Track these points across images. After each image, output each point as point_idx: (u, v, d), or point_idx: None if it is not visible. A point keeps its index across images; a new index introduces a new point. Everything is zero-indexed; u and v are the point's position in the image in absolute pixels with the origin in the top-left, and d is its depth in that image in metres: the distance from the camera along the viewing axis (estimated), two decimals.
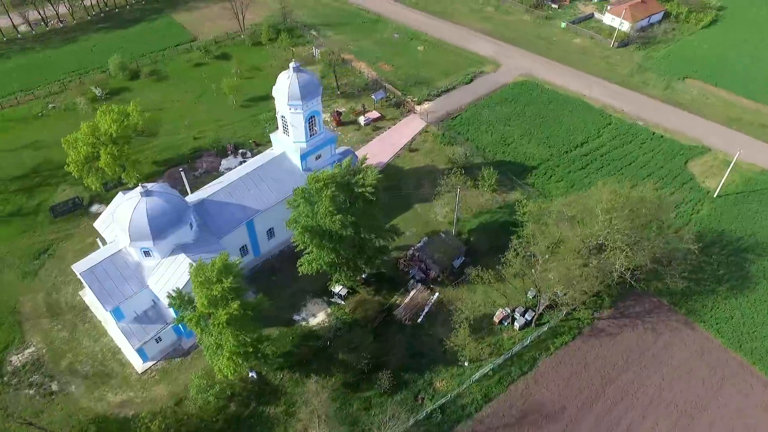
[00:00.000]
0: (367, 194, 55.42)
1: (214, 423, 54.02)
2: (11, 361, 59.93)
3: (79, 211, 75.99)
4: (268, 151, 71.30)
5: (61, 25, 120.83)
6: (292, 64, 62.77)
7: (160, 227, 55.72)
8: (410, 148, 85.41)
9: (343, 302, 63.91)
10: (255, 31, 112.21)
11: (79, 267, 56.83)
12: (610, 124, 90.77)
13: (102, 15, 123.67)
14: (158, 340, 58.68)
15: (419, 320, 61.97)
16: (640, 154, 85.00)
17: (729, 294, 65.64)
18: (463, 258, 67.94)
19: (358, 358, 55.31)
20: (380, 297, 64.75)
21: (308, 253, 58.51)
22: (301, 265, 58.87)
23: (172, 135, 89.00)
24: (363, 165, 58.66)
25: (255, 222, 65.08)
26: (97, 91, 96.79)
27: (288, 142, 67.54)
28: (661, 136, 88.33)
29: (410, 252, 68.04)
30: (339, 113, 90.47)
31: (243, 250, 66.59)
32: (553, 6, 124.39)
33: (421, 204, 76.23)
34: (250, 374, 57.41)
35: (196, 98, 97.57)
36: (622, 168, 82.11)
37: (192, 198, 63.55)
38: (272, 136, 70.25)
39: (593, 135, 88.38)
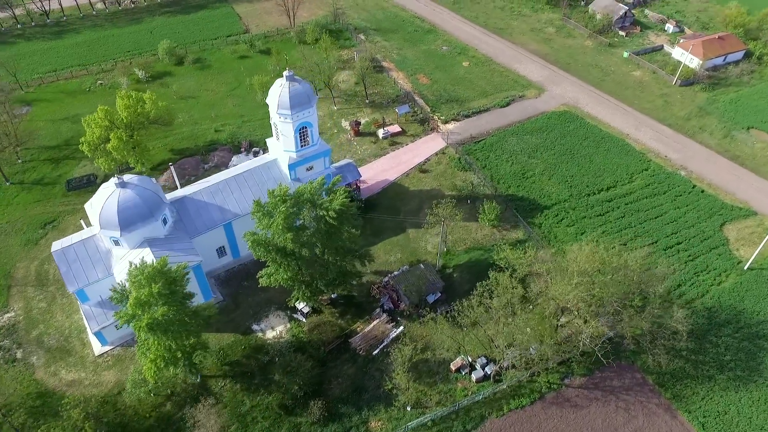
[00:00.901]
0: (328, 219, 53.54)
1: (145, 419, 54.56)
2: None
3: (91, 188, 79.38)
4: (262, 155, 71.09)
5: (133, 5, 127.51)
6: (285, 73, 61.95)
7: (128, 219, 56.89)
8: (422, 168, 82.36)
9: (304, 320, 62.61)
10: (303, 29, 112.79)
11: (55, 245, 59.28)
12: (646, 170, 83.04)
13: None
14: (118, 326, 60.08)
15: (374, 352, 59.50)
16: (671, 207, 77.05)
17: (729, 385, 57.86)
18: (440, 294, 64.50)
19: (292, 381, 53.74)
20: (343, 321, 62.79)
21: (268, 266, 57.67)
22: (260, 277, 58.15)
23: (196, 125, 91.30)
24: (333, 186, 56.63)
25: (234, 225, 65.09)
26: (140, 74, 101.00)
27: (280, 149, 66.98)
28: (702, 191, 79.60)
29: (385, 279, 65.54)
30: (358, 123, 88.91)
31: (221, 251, 66.90)
32: (620, 33, 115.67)
33: (414, 229, 73.25)
34: (195, 377, 57.53)
35: (229, 90, 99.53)
36: (645, 221, 74.77)
37: (175, 194, 64.50)
38: (268, 141, 69.97)
39: (624, 179, 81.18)
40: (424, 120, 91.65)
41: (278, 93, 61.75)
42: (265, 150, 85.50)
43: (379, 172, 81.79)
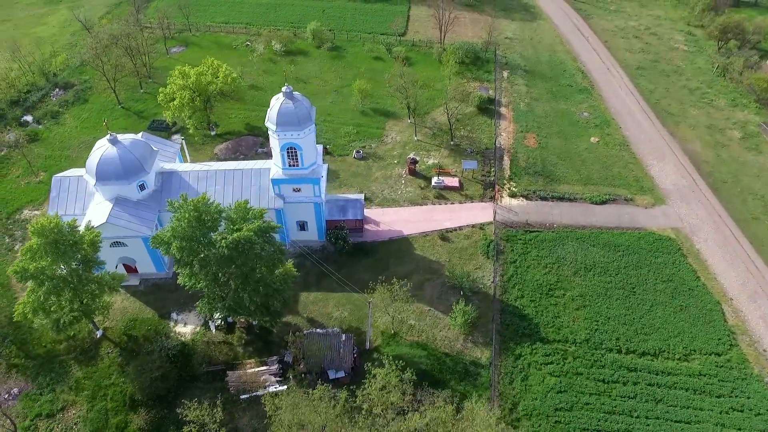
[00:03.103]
0: (221, 246, 50.74)
1: (42, 347, 59.68)
2: (23, 213, 75.66)
3: (164, 133, 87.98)
4: (265, 160, 70.16)
5: None
6: (284, 88, 59.51)
7: (103, 174, 61.44)
8: (443, 235, 72.92)
9: (212, 331, 61.51)
10: (447, 48, 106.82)
11: (59, 174, 67.22)
12: (718, 356, 61.26)
13: None
14: None
15: (242, 396, 55.88)
16: (720, 411, 56.07)
17: None
18: (344, 374, 57.41)
19: (142, 380, 53.25)
20: (242, 350, 60.05)
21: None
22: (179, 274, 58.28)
23: None
24: (252, 213, 53.15)
25: None
26: (276, 47, 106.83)
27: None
28: None
29: (302, 332, 60.50)
30: (414, 161, 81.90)
31: None
32: None
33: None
34: (97, 332, 61.01)
35: (339, 86, 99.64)
36: (661, 422, 55.57)
37: (172, 167, 67.59)
38: None
39: (676, 353, 61.18)
40: (490, 184, 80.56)
41: (272, 105, 59.85)
42: None
43: (399, 219, 74.83)
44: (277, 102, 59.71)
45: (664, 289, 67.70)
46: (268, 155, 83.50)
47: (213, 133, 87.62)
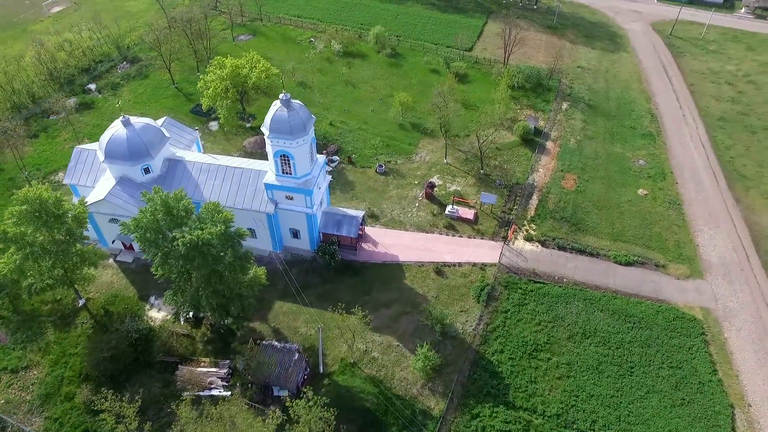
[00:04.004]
0: (179, 245, 50.85)
1: (31, 305, 63.32)
2: (58, 175, 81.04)
3: (203, 119, 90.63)
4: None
5: None
6: (281, 95, 58.62)
7: (111, 153, 64.13)
8: (439, 269, 69.00)
9: (181, 322, 62.38)
10: (508, 69, 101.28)
11: (81, 146, 71.02)
12: None
13: None
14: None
15: (185, 393, 55.98)
16: None
17: None
18: (288, 394, 55.89)
19: (98, 358, 54.97)
20: (202, 347, 60.33)
21: None
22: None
23: (325, 110, 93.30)
24: (220, 217, 52.76)
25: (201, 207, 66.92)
26: (335, 48, 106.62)
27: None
28: None
29: (259, 342, 59.63)
30: (432, 186, 78.15)
31: None
32: None
33: (357, 321, 63.34)
34: (79, 301, 63.96)
35: (385, 95, 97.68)
36: None
37: (181, 154, 69.15)
38: None
39: None
40: (507, 223, 75.23)
41: (270, 110, 59.35)
42: (340, 162, 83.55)
43: (399, 243, 71.83)
44: (273, 108, 59.07)
45: (668, 376, 59.70)
46: None
47: (248, 125, 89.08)
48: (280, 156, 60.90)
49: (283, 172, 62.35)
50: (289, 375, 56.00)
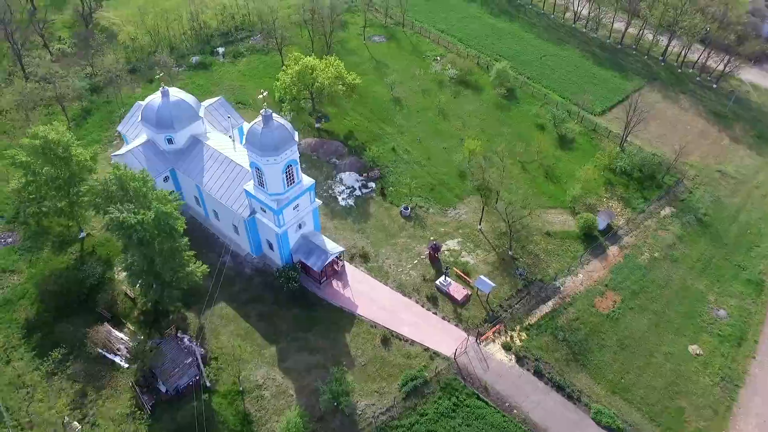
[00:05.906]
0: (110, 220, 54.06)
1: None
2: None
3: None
4: None
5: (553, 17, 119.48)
6: (262, 111, 57.75)
7: (145, 117, 70.36)
8: (386, 338, 62.51)
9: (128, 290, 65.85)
10: (617, 148, 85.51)
11: (141, 102, 78.61)
12: None
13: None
14: None
15: (96, 350, 59.92)
16: None
17: None
18: (166, 392, 56.79)
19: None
20: (138, 314, 63.90)
21: None
22: None
23: (398, 132, 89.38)
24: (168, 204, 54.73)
25: (202, 191, 70.10)
26: (450, 73, 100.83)
27: None
28: None
29: (177, 333, 61.00)
30: (437, 248, 70.54)
31: (196, 200, 73.36)
32: None
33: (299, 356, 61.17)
34: (81, 233, 72.16)
35: (468, 136, 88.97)
36: None
37: (208, 135, 72.54)
38: None
39: None
40: (495, 319, 65.07)
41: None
42: (374, 192, 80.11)
43: (369, 295, 66.75)
44: (256, 120, 58.58)
45: None
46: (337, 166, 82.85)
47: (318, 125, 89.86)
48: (256, 168, 60.46)
49: (260, 184, 61.91)
50: (172, 374, 56.78)
